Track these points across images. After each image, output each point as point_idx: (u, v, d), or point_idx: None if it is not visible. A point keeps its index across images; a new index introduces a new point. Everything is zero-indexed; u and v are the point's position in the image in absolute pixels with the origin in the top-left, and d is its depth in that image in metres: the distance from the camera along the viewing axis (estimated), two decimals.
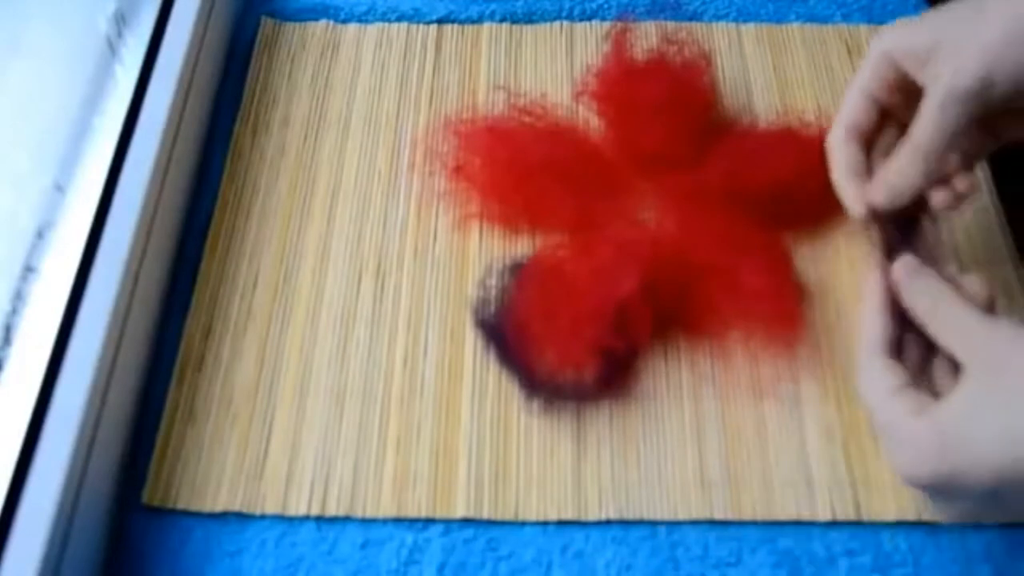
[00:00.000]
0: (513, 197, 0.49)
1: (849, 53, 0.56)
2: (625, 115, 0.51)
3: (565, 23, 0.58)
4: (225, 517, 0.43)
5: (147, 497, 0.43)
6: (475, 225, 0.50)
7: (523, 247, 0.50)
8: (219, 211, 0.51)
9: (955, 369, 0.36)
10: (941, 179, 0.41)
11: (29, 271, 0.45)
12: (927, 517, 0.42)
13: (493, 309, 0.47)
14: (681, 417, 0.45)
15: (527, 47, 0.57)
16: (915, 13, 0.58)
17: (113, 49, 0.53)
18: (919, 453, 0.35)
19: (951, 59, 0.39)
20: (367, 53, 0.57)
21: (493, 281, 0.48)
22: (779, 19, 0.58)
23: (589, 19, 0.59)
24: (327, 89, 0.56)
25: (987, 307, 0.38)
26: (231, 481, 0.43)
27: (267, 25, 0.59)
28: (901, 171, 0.41)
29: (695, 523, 0.42)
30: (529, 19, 0.59)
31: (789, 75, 0.55)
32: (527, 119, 0.51)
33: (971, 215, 0.50)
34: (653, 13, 0.59)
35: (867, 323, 0.39)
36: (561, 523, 0.42)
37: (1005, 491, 0.34)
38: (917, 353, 0.39)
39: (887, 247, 0.41)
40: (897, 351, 0.38)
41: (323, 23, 0.59)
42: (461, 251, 0.50)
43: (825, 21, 0.58)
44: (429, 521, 0.42)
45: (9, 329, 0.43)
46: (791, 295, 0.46)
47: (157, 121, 0.48)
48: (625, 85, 0.51)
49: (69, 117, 0.50)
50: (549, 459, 0.44)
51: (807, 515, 0.42)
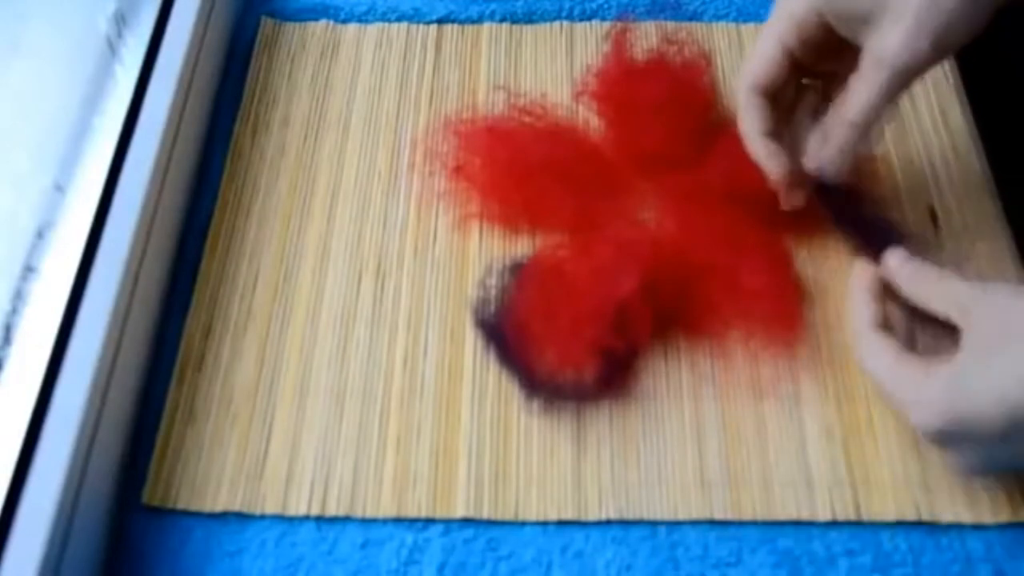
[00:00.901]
0: (513, 197, 0.49)
1: None
2: (625, 115, 0.51)
3: (565, 23, 0.58)
4: (225, 517, 0.43)
5: (147, 497, 0.43)
6: (475, 225, 0.50)
7: (523, 247, 0.50)
8: (219, 211, 0.51)
9: (939, 338, 0.41)
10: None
11: (29, 271, 0.45)
12: (927, 517, 0.42)
13: (493, 309, 0.47)
14: (681, 417, 0.45)
15: (527, 47, 0.57)
16: None
17: (113, 49, 0.53)
18: (933, 404, 0.38)
19: (899, 28, 0.38)
20: (367, 53, 0.57)
21: (493, 281, 0.48)
22: None
23: (589, 19, 0.59)
24: (327, 89, 0.56)
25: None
26: (231, 481, 0.43)
27: (267, 25, 0.59)
28: (848, 145, 0.43)
29: (695, 523, 0.42)
30: (529, 19, 0.59)
31: None
32: (527, 119, 0.52)
33: (972, 213, 0.50)
34: (653, 13, 0.59)
35: (859, 305, 0.43)
36: (561, 523, 0.42)
37: (1015, 429, 0.37)
38: (904, 327, 0.43)
39: (835, 209, 0.47)
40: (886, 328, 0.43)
41: (323, 23, 0.59)
42: (461, 251, 0.50)
43: None
44: (429, 521, 0.42)
45: (9, 329, 0.43)
46: (791, 295, 0.46)
47: (157, 121, 0.48)
48: (625, 85, 0.51)
49: (69, 117, 0.50)
50: (549, 459, 0.44)
51: (807, 515, 0.42)
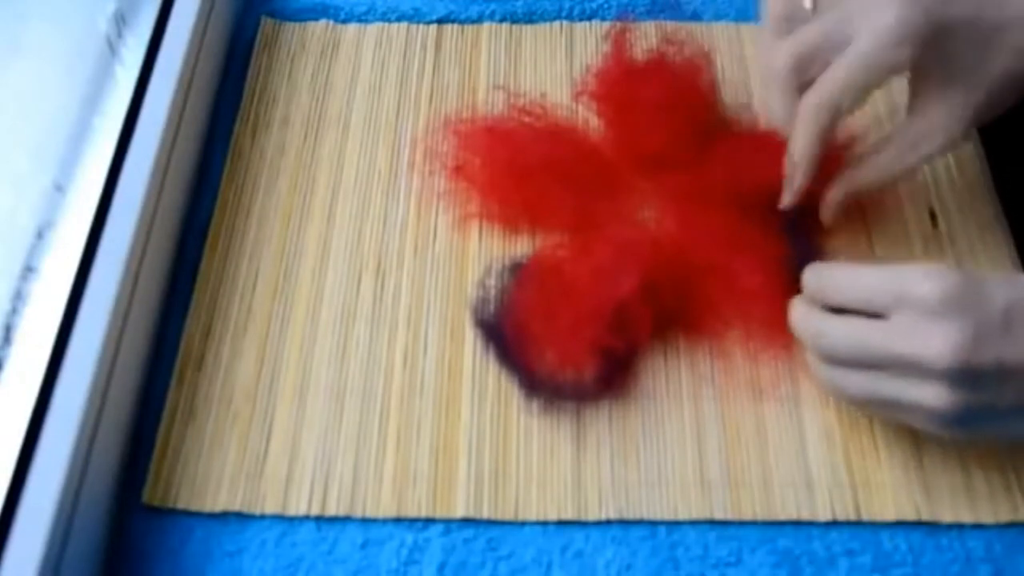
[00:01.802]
0: (512, 197, 0.49)
1: None
2: (624, 115, 0.51)
3: (565, 23, 0.58)
4: (225, 517, 0.43)
5: (147, 497, 0.43)
6: (475, 224, 0.50)
7: (523, 247, 0.50)
8: (219, 211, 0.51)
9: None
10: None
11: (29, 271, 0.45)
12: (927, 517, 0.42)
13: (492, 309, 0.47)
14: (681, 417, 0.45)
15: (527, 47, 0.57)
16: None
17: (113, 49, 0.53)
18: (943, 333, 0.36)
19: (953, 117, 0.42)
20: (367, 53, 0.57)
21: (493, 281, 0.48)
22: None
23: (589, 19, 0.59)
24: (327, 89, 0.56)
25: None
26: (231, 481, 0.43)
27: (267, 25, 0.59)
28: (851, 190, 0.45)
29: (695, 523, 0.42)
30: (529, 19, 0.59)
31: None
32: (527, 119, 0.51)
33: (972, 214, 0.50)
34: (653, 13, 0.59)
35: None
36: (561, 523, 0.42)
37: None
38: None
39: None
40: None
41: (323, 23, 0.59)
42: (461, 250, 0.50)
43: None
44: (429, 521, 0.42)
45: (9, 329, 0.43)
46: (786, 296, 0.46)
47: (157, 121, 0.48)
48: (624, 85, 0.51)
49: (69, 117, 0.50)
50: (549, 459, 0.44)
51: (807, 515, 0.42)
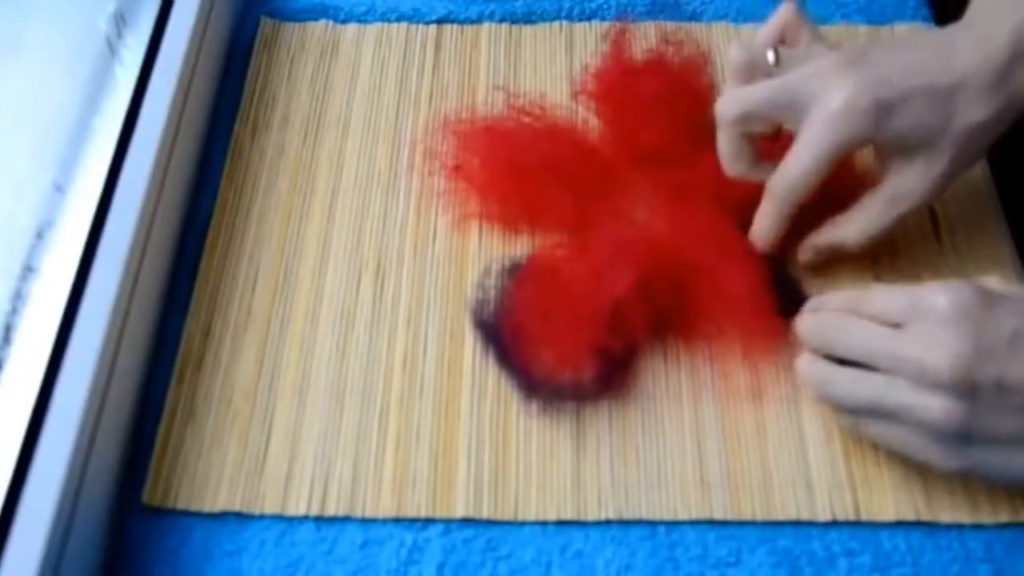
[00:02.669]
0: (511, 197, 0.49)
1: None
2: (622, 112, 0.51)
3: (565, 23, 0.58)
4: (225, 517, 0.43)
5: (147, 497, 0.43)
6: (475, 225, 0.50)
7: (522, 247, 0.50)
8: (219, 211, 0.51)
9: None
10: None
11: (29, 271, 0.45)
12: (927, 517, 0.42)
13: (491, 310, 0.47)
14: (680, 417, 0.45)
15: (527, 47, 0.57)
16: (913, 13, 0.58)
17: (113, 49, 0.53)
18: (948, 341, 0.37)
19: (931, 174, 0.43)
20: (367, 53, 0.57)
21: (491, 281, 0.48)
22: None
23: (589, 19, 0.59)
24: (327, 89, 0.56)
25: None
26: (231, 481, 0.43)
27: (267, 25, 0.59)
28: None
29: (694, 523, 0.42)
30: (529, 19, 0.59)
31: None
32: (526, 119, 0.52)
33: (972, 214, 0.50)
34: (653, 13, 0.59)
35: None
36: (561, 523, 0.42)
37: None
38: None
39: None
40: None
41: (323, 23, 0.59)
42: (461, 251, 0.50)
43: (824, 21, 0.58)
44: (429, 521, 0.42)
45: (9, 329, 0.43)
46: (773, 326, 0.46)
47: (157, 121, 0.48)
48: (622, 84, 0.51)
49: (69, 117, 0.50)
50: (548, 459, 0.44)
51: (806, 515, 0.42)
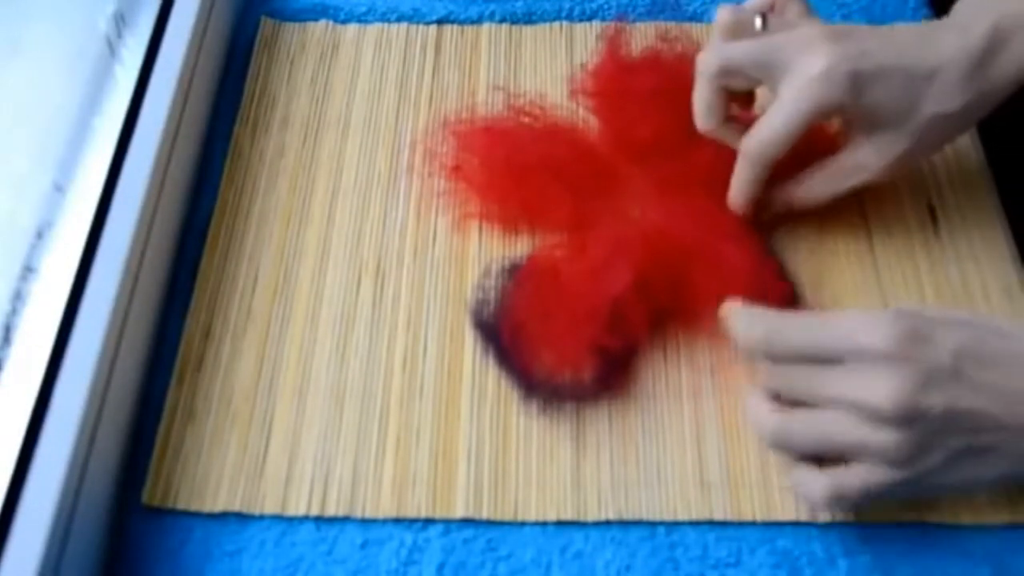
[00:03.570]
0: (511, 196, 0.49)
1: None
2: (618, 108, 0.51)
3: (565, 23, 0.58)
4: (224, 517, 0.43)
5: (147, 497, 0.43)
6: (474, 225, 0.50)
7: (522, 247, 0.50)
8: (219, 211, 0.51)
9: None
10: None
11: (29, 271, 0.45)
12: (927, 517, 0.42)
13: (491, 310, 0.47)
14: (680, 417, 0.45)
15: (527, 48, 0.57)
16: (914, 13, 0.58)
17: (113, 49, 0.53)
18: (889, 378, 0.36)
19: (896, 149, 0.44)
20: (367, 53, 0.57)
21: (491, 282, 0.48)
22: None
23: (589, 19, 0.59)
24: (327, 89, 0.56)
25: None
26: (231, 481, 0.43)
27: (267, 25, 0.59)
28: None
29: (694, 523, 0.42)
30: (529, 19, 0.59)
31: None
32: (525, 119, 0.52)
33: (972, 213, 0.50)
34: (653, 13, 0.59)
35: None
36: (560, 523, 0.42)
37: (966, 366, 0.36)
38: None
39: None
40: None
41: (323, 23, 0.59)
42: (461, 252, 0.50)
43: (826, 21, 0.58)
44: (429, 521, 0.42)
45: (9, 329, 0.43)
46: (773, 287, 0.46)
47: (157, 121, 0.48)
48: (618, 80, 0.51)
49: (69, 117, 0.50)
50: (548, 459, 0.44)
51: (807, 515, 0.42)
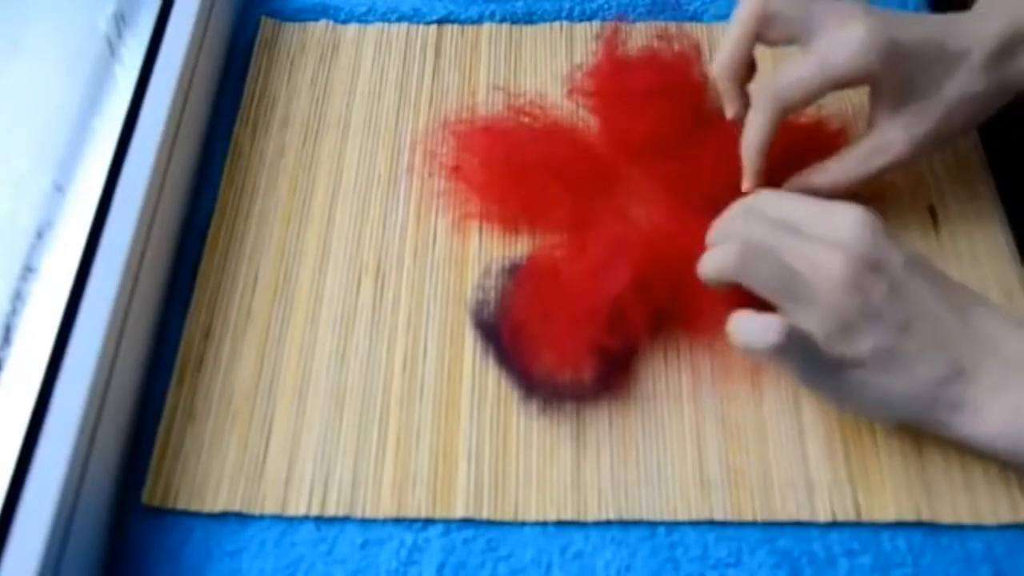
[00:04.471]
0: (510, 196, 0.49)
1: None
2: (616, 107, 0.51)
3: (565, 23, 0.58)
4: (225, 517, 0.43)
5: (147, 497, 0.43)
6: (475, 226, 0.50)
7: (523, 247, 0.50)
8: (219, 211, 0.51)
9: None
10: None
11: (29, 271, 0.45)
12: (927, 517, 0.42)
13: (490, 311, 0.47)
14: (680, 417, 0.45)
15: (527, 48, 0.57)
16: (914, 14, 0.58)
17: (113, 49, 0.53)
18: (855, 219, 0.40)
19: (918, 130, 0.44)
20: (367, 53, 0.57)
21: (491, 282, 0.48)
22: None
23: (589, 19, 0.59)
24: (327, 90, 0.56)
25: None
26: (231, 481, 0.43)
27: (267, 25, 0.59)
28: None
29: (695, 523, 0.42)
30: (529, 19, 0.59)
31: None
32: (525, 119, 0.52)
33: (972, 213, 0.50)
34: (653, 13, 0.59)
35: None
36: (561, 523, 0.42)
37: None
38: None
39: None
40: None
41: (323, 23, 0.59)
42: (461, 252, 0.50)
43: None
44: (429, 521, 0.42)
45: (9, 329, 0.43)
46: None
47: (157, 121, 0.48)
48: (616, 79, 0.51)
49: (69, 117, 0.50)
50: (548, 459, 0.44)
51: (807, 515, 0.42)
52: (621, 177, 0.50)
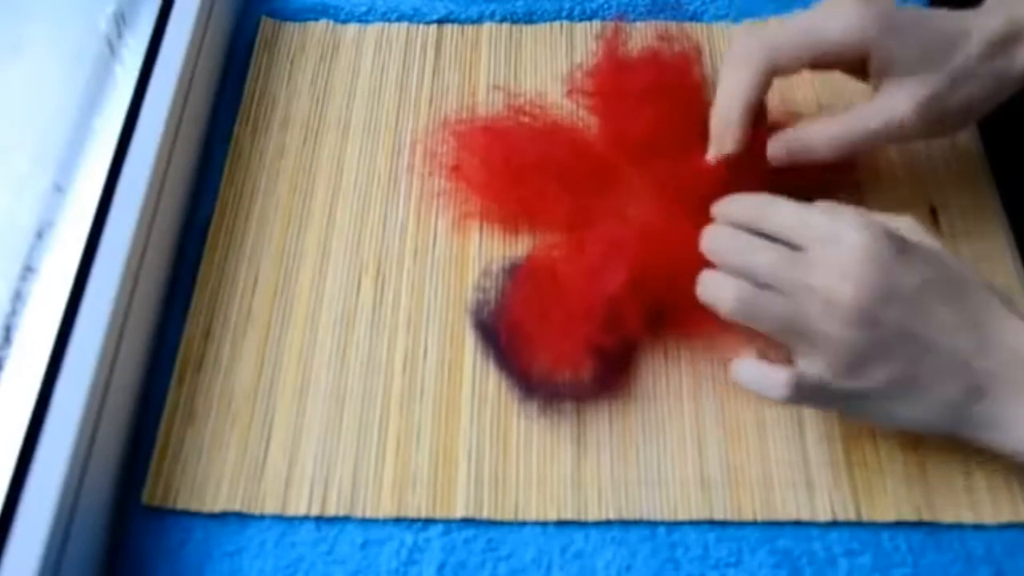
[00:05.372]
0: (509, 196, 0.49)
1: None
2: (615, 105, 0.51)
3: (565, 23, 0.58)
4: (225, 517, 0.43)
5: (147, 497, 0.43)
6: (474, 226, 0.50)
7: (522, 247, 0.50)
8: (219, 212, 0.51)
9: None
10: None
11: (29, 271, 0.45)
12: (927, 517, 0.42)
13: (489, 311, 0.47)
14: (681, 417, 0.45)
15: (527, 47, 0.57)
16: None
17: (113, 49, 0.53)
18: (856, 274, 0.37)
19: (919, 93, 0.43)
20: (367, 53, 0.57)
21: (490, 282, 0.48)
22: None
23: (589, 19, 0.59)
24: (327, 90, 0.56)
25: None
26: (231, 481, 0.43)
27: (267, 25, 0.59)
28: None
29: (695, 523, 0.42)
30: (529, 19, 0.59)
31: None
32: (525, 119, 0.51)
33: (973, 213, 0.50)
34: (653, 13, 0.59)
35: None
36: (561, 523, 0.42)
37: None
38: None
39: None
40: None
41: (323, 23, 0.59)
42: (461, 252, 0.50)
43: None
44: (429, 521, 0.42)
45: (9, 329, 0.43)
46: None
47: (157, 121, 0.48)
48: (615, 79, 0.51)
49: (69, 117, 0.50)
50: (549, 459, 0.44)
51: (807, 515, 0.42)
52: (621, 177, 0.50)
